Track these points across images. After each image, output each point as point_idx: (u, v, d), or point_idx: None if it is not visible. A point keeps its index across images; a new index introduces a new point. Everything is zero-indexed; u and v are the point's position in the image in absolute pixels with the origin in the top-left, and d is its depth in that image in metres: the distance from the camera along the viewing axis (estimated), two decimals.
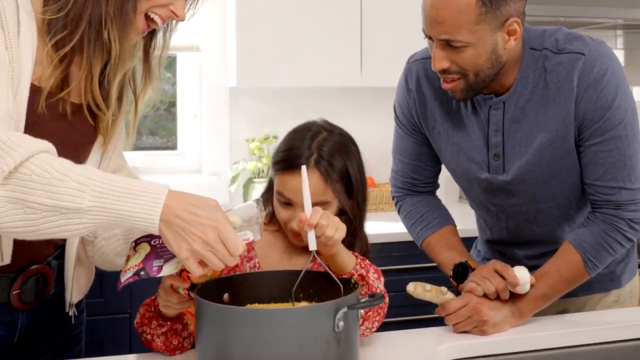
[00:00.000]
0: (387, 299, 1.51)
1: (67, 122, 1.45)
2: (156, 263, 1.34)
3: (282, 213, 1.59)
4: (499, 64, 1.61)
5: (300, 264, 1.61)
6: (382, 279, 1.58)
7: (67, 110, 1.44)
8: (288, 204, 1.57)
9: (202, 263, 1.25)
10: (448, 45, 1.56)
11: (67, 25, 1.38)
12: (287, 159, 1.57)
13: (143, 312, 1.52)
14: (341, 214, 1.60)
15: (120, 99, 1.53)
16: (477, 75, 1.60)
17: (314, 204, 1.46)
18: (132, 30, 1.43)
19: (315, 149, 1.57)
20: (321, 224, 1.39)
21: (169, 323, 1.49)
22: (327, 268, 1.40)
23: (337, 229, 1.43)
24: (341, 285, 1.35)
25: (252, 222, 1.37)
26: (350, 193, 1.61)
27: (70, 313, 1.62)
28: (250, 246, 1.63)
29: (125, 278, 1.34)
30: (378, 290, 1.54)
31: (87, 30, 1.39)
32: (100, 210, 1.21)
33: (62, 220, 1.21)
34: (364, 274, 1.53)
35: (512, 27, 1.57)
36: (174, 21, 1.52)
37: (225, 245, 1.24)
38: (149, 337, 1.50)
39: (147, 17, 1.44)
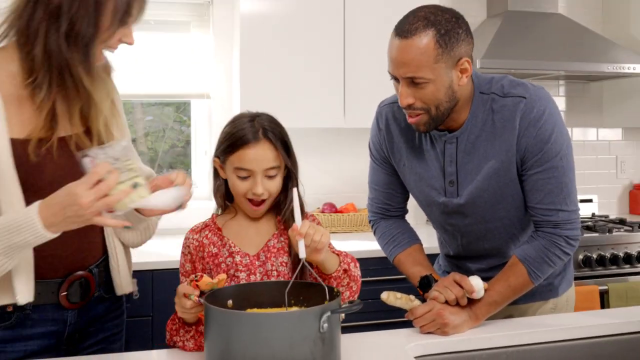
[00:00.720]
0: (359, 283, 1.59)
1: (62, 157, 1.46)
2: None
3: (241, 186, 1.58)
4: (454, 98, 1.62)
5: (265, 228, 1.64)
6: (357, 264, 1.60)
7: (53, 148, 1.44)
8: (246, 177, 1.57)
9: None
10: (412, 82, 1.57)
11: (51, 83, 1.40)
12: (240, 137, 1.56)
13: (169, 329, 1.53)
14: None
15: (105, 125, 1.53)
16: (437, 109, 1.60)
17: (271, 169, 1.55)
18: (94, 65, 1.44)
19: (259, 125, 1.57)
20: (309, 232, 1.42)
21: (193, 327, 1.49)
22: (315, 275, 1.41)
23: (323, 235, 1.44)
24: (327, 292, 1.36)
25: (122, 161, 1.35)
26: (289, 154, 1.62)
27: (128, 291, 1.65)
28: (215, 225, 1.63)
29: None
30: (358, 277, 1.59)
31: (65, 80, 1.41)
32: (5, 251, 1.29)
33: None
34: (347, 267, 1.56)
35: (463, 65, 1.59)
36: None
37: (99, 192, 1.25)
38: (180, 344, 1.51)
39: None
